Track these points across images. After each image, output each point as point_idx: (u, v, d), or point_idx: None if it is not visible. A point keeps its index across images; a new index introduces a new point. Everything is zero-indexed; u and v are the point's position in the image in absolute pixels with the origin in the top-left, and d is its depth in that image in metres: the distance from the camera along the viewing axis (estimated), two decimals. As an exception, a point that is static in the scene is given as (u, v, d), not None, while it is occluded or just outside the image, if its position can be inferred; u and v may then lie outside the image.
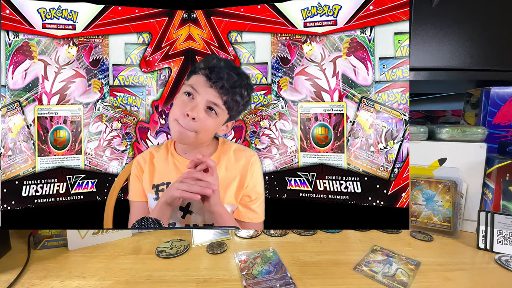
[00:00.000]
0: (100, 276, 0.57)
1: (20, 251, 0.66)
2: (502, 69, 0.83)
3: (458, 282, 0.56)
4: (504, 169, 0.72)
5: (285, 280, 0.55)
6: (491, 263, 0.63)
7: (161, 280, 0.56)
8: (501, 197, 0.72)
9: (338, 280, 0.56)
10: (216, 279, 0.56)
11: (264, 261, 0.63)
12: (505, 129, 0.86)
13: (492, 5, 0.80)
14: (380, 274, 0.57)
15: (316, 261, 0.64)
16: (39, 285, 0.54)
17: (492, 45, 0.81)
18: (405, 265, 0.61)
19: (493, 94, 0.86)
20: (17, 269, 0.59)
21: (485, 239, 0.68)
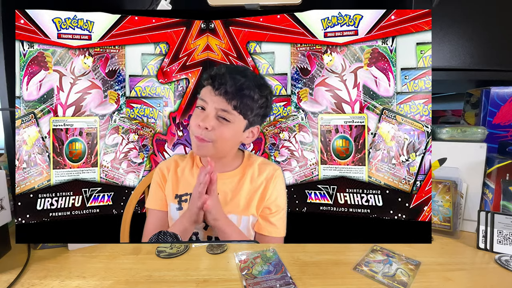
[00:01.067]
0: (100, 276, 0.57)
1: (20, 251, 0.65)
2: (502, 69, 0.82)
3: (458, 282, 0.55)
4: (504, 169, 0.72)
5: (285, 280, 0.54)
6: (491, 263, 0.62)
7: (161, 280, 0.56)
8: (501, 197, 0.71)
9: (338, 280, 0.55)
10: (216, 279, 0.56)
11: (264, 261, 0.62)
12: (505, 129, 0.85)
13: (491, 5, 0.79)
14: (380, 274, 0.57)
15: (316, 261, 0.63)
16: (39, 285, 0.54)
17: (492, 45, 0.80)
18: (405, 265, 0.61)
19: (493, 94, 0.85)
20: (17, 269, 0.58)
21: (485, 239, 0.68)
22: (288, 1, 0.78)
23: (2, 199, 0.61)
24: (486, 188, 0.76)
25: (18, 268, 0.58)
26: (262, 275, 0.56)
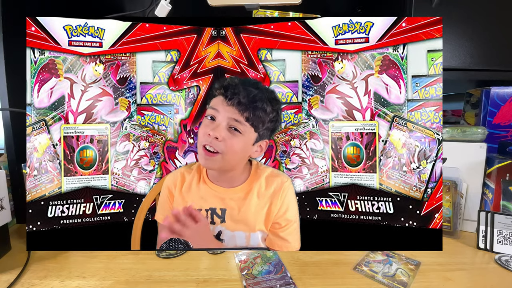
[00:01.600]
0: (100, 276, 0.57)
1: (20, 251, 0.66)
2: (502, 69, 0.83)
3: (458, 282, 0.55)
4: (504, 169, 0.72)
5: (285, 280, 0.54)
6: (491, 263, 0.63)
7: (161, 280, 0.56)
8: (501, 197, 0.72)
9: (338, 280, 0.56)
10: (216, 279, 0.56)
11: (264, 261, 0.62)
12: (505, 129, 0.86)
13: (491, 5, 0.80)
14: (380, 274, 0.57)
15: (316, 261, 0.63)
16: (39, 285, 0.54)
17: (492, 45, 0.81)
18: (405, 265, 0.61)
19: (493, 94, 0.86)
20: (17, 269, 0.58)
21: (485, 239, 0.68)
22: (288, 1, 0.78)
23: (2, 199, 0.61)
24: (486, 188, 0.76)
25: (18, 268, 0.58)
26: (262, 275, 0.56)
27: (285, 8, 0.81)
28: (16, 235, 0.73)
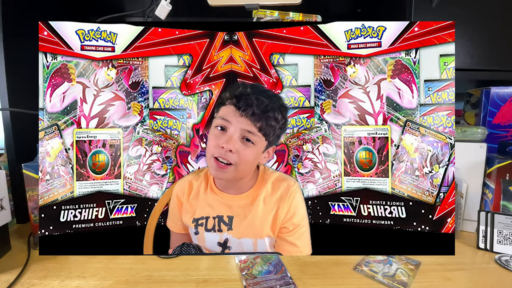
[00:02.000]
0: (100, 276, 0.57)
1: (20, 251, 0.66)
2: (502, 69, 0.83)
3: (458, 282, 0.56)
4: (504, 169, 0.73)
5: (285, 280, 0.55)
6: (491, 263, 0.63)
7: (161, 280, 0.56)
8: (501, 197, 0.72)
9: (338, 280, 0.56)
10: (216, 279, 0.56)
11: (264, 261, 0.62)
12: (505, 129, 0.86)
13: (492, 5, 0.80)
14: (380, 274, 0.57)
15: (316, 261, 0.63)
16: (39, 285, 0.54)
17: (492, 45, 0.81)
18: (405, 265, 0.61)
19: (493, 94, 0.86)
20: (17, 269, 0.58)
21: (485, 239, 0.68)
22: (288, 1, 0.78)
23: (2, 199, 0.61)
24: (486, 188, 0.77)
25: (18, 268, 0.58)
26: (262, 275, 0.56)
27: (285, 8, 0.81)
28: (16, 235, 0.73)
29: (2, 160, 0.79)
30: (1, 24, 0.73)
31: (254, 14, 0.81)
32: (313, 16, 0.82)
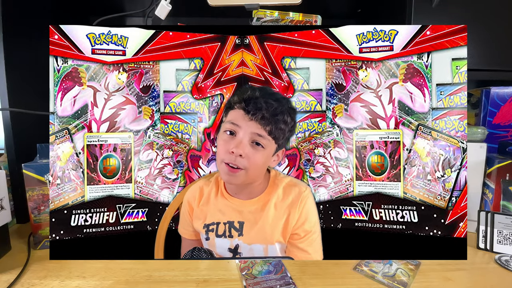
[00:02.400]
0: (100, 276, 0.57)
1: (20, 251, 0.66)
2: (502, 69, 0.83)
3: (458, 282, 0.55)
4: (504, 169, 0.72)
5: (285, 280, 0.54)
6: (491, 263, 0.63)
7: (161, 280, 0.56)
8: (501, 197, 0.72)
9: (338, 280, 0.56)
10: (216, 279, 0.56)
11: (264, 261, 0.62)
12: (505, 129, 0.86)
13: (492, 5, 0.80)
14: (380, 274, 0.57)
15: (316, 261, 0.63)
16: (39, 285, 0.54)
17: (492, 45, 0.81)
18: (405, 265, 0.61)
19: (493, 94, 0.86)
20: (17, 269, 0.58)
21: (485, 239, 0.68)
22: (288, 1, 0.78)
23: (2, 199, 0.61)
24: (486, 188, 0.76)
25: (18, 268, 0.58)
26: (262, 275, 0.56)
27: (285, 8, 0.81)
28: (16, 235, 0.73)
29: (2, 160, 0.79)
30: (1, 24, 0.72)
31: (254, 14, 0.80)
32: (313, 16, 0.82)
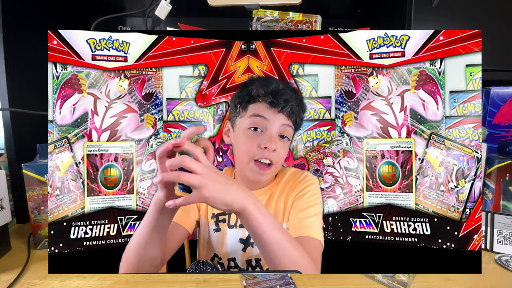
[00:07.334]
0: (100, 276, 0.57)
1: (20, 251, 0.66)
2: (502, 69, 0.82)
3: (458, 282, 0.55)
4: (504, 169, 0.72)
5: (285, 280, 0.54)
6: (491, 263, 0.62)
7: (161, 280, 0.55)
8: (501, 197, 0.71)
9: (338, 280, 0.56)
10: (216, 279, 0.55)
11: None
12: (505, 129, 0.85)
13: (492, 5, 0.79)
14: (380, 274, 0.57)
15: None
16: (39, 285, 0.54)
17: (492, 45, 0.79)
18: None
19: (493, 94, 0.85)
20: (17, 269, 0.58)
21: (485, 239, 0.67)
22: (288, 1, 0.76)
23: (2, 199, 0.60)
24: (486, 188, 0.75)
25: (18, 268, 0.58)
26: (262, 275, 0.56)
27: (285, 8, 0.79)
28: (16, 235, 0.72)
29: (2, 160, 0.78)
30: (1, 24, 0.71)
31: (254, 14, 0.78)
32: (313, 16, 0.80)
